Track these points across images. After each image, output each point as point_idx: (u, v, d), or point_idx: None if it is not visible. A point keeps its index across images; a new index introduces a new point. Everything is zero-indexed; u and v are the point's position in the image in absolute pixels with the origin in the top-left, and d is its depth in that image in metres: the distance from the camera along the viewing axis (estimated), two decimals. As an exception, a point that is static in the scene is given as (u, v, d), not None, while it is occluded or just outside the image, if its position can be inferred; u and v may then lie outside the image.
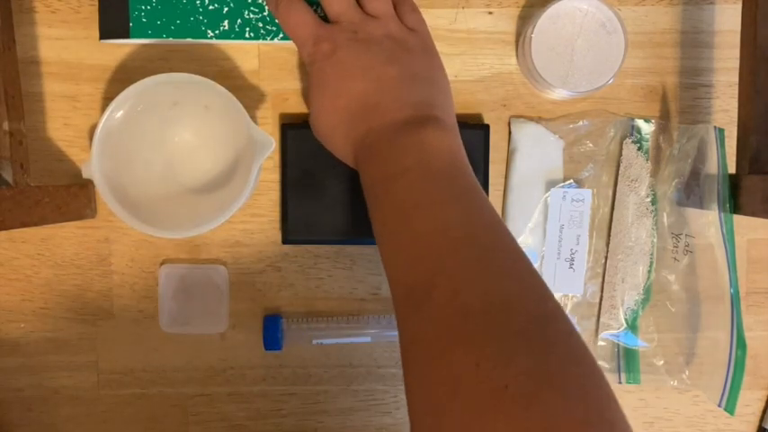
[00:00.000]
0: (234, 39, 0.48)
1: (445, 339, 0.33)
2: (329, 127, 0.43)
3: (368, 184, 0.41)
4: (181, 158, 0.49)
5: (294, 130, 0.47)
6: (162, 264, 0.50)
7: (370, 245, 0.49)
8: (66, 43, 0.49)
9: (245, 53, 0.49)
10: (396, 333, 0.49)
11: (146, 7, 0.47)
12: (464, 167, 0.40)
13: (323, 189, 0.47)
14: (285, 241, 0.48)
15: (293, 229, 0.47)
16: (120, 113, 0.44)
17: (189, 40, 0.48)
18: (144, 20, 0.47)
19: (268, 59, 0.49)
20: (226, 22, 0.47)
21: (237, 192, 0.44)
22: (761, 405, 0.52)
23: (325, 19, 0.44)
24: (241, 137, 0.45)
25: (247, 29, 0.48)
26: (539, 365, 0.30)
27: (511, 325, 0.32)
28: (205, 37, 0.47)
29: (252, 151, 0.43)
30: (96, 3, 0.48)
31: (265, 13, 0.47)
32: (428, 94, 0.42)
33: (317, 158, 0.47)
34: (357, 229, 0.47)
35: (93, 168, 0.43)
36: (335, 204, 0.47)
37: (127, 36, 0.47)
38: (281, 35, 0.48)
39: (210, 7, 0.47)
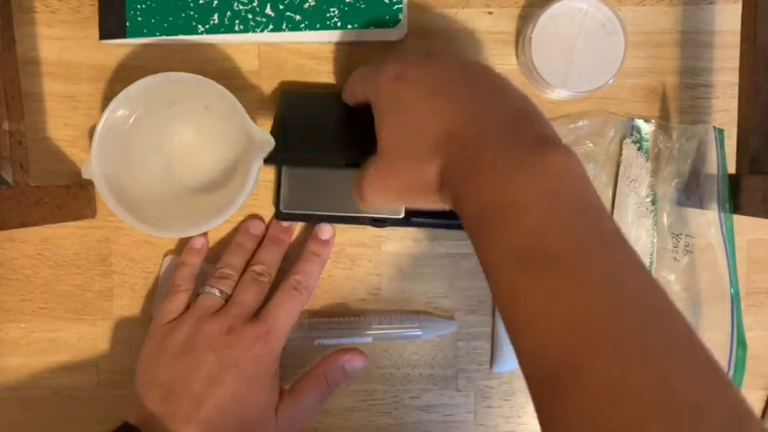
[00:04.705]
0: (224, 33, 0.47)
1: None
2: (408, 158, 0.35)
3: (470, 215, 0.32)
4: (180, 158, 0.49)
5: (291, 98, 0.46)
6: (166, 254, 0.50)
7: (363, 223, 0.47)
8: (66, 43, 0.49)
9: (245, 53, 0.49)
10: (395, 333, 0.50)
11: (141, 6, 0.47)
12: (601, 204, 0.31)
13: None
14: (278, 217, 0.47)
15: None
16: (119, 113, 0.44)
17: (181, 37, 0.47)
18: (139, 19, 0.47)
19: (268, 59, 0.49)
20: (216, 16, 0.47)
21: (237, 191, 0.44)
22: (761, 405, 0.52)
23: None
24: (241, 137, 0.45)
25: (237, 21, 0.47)
26: None
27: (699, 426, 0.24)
28: (195, 33, 0.47)
29: (252, 151, 0.43)
30: (96, 3, 0.48)
31: (255, 4, 0.47)
32: (522, 104, 0.35)
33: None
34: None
35: (93, 168, 0.43)
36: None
37: (124, 36, 0.48)
38: (270, 26, 0.47)
39: (201, 1, 0.47)
